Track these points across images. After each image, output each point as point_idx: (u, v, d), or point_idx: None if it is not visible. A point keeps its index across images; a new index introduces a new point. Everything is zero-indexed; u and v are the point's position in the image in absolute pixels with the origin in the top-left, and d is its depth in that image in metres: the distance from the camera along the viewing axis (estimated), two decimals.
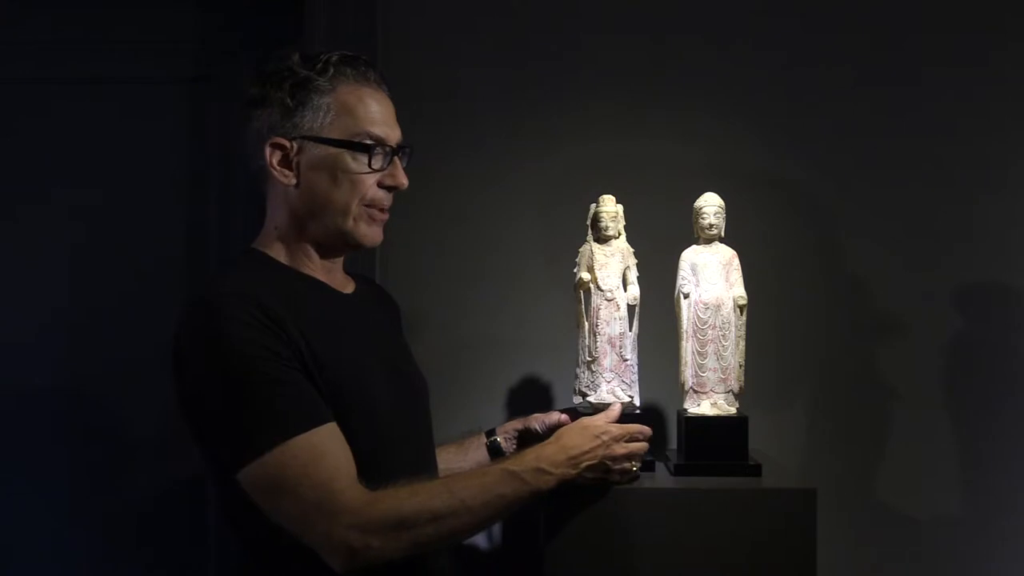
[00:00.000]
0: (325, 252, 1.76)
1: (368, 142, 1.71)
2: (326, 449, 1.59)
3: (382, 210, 1.75)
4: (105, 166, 2.46)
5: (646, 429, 1.81)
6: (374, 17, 2.28)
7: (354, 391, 1.65)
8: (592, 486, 1.75)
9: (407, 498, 1.60)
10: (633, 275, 1.92)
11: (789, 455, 2.21)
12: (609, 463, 1.74)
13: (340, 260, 1.81)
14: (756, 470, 1.84)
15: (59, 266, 2.45)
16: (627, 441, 1.77)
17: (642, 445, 1.79)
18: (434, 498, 1.61)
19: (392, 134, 1.74)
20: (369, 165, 1.71)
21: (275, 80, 1.71)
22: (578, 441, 1.73)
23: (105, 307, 2.45)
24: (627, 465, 1.77)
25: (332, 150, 1.70)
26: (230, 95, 2.35)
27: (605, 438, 1.74)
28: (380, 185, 1.73)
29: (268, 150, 1.71)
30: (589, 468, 1.72)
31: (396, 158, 1.74)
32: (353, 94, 1.72)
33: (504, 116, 2.29)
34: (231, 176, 2.42)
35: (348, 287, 1.82)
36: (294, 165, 1.71)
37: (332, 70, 1.71)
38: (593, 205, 1.94)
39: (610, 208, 1.92)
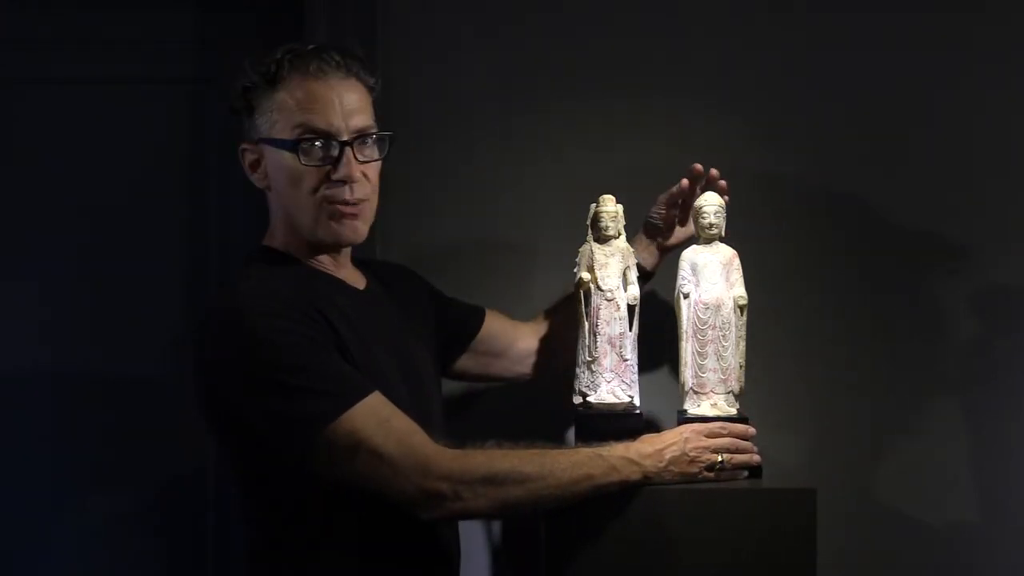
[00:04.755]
0: (320, 248, 1.78)
1: (303, 136, 1.70)
2: (391, 410, 1.64)
3: (345, 204, 1.73)
4: (105, 166, 2.46)
5: (745, 429, 1.82)
6: (374, 17, 2.28)
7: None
8: (671, 484, 1.76)
9: (499, 457, 1.66)
10: (633, 275, 1.91)
11: (789, 455, 2.20)
12: (692, 454, 1.76)
13: (347, 254, 1.82)
14: (756, 470, 1.84)
15: (58, 265, 2.45)
16: (711, 436, 1.79)
17: (729, 440, 1.80)
18: (525, 462, 1.66)
19: (340, 123, 1.72)
20: (305, 160, 1.70)
21: (236, 86, 1.75)
22: (665, 436, 1.78)
23: (104, 307, 2.45)
24: (712, 456, 1.77)
25: (280, 150, 1.72)
26: (230, 95, 2.35)
27: (687, 432, 1.78)
28: (330, 179, 1.71)
29: (241, 155, 1.77)
30: (674, 461, 1.74)
31: (350, 148, 1.72)
32: (295, 90, 1.72)
33: (505, 115, 2.29)
34: (231, 176, 2.41)
35: (360, 282, 1.84)
36: (261, 168, 1.75)
37: (274, 67, 1.72)
38: (593, 205, 1.94)
39: (610, 208, 1.91)
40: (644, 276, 2.02)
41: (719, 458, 1.77)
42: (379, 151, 1.77)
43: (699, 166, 1.96)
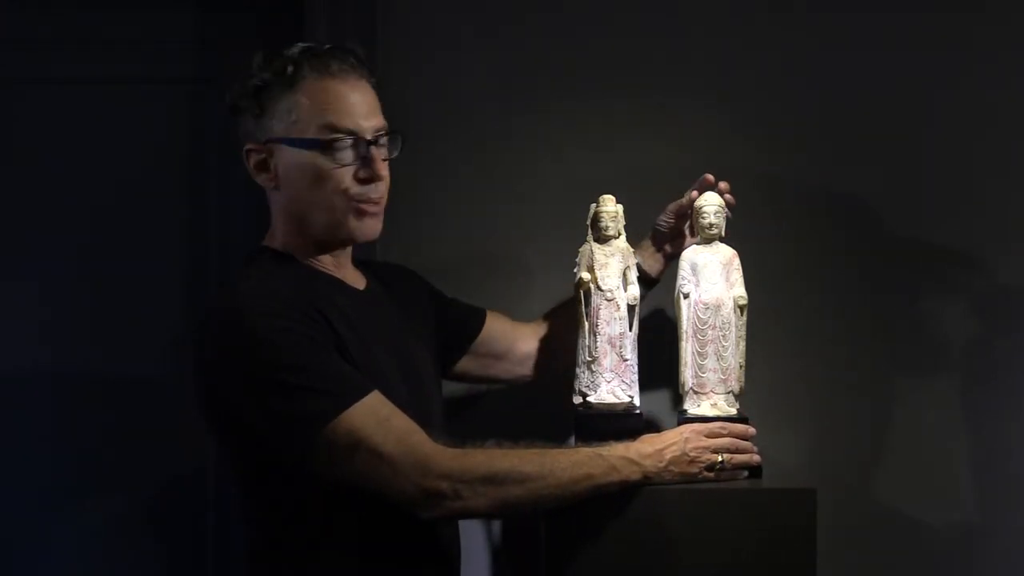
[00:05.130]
0: (327, 248, 1.78)
1: (333, 136, 1.70)
2: (390, 409, 1.64)
3: (370, 202, 1.74)
4: (105, 166, 2.46)
5: (745, 429, 1.82)
6: (374, 17, 2.28)
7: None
8: (671, 484, 1.76)
9: (499, 456, 1.66)
10: (633, 275, 1.92)
11: (789, 455, 2.20)
12: (693, 454, 1.76)
13: (348, 254, 1.83)
14: (756, 470, 1.84)
15: (58, 265, 2.45)
16: (712, 436, 1.79)
17: (729, 441, 1.80)
18: (525, 462, 1.66)
19: (364, 123, 1.73)
20: (334, 160, 1.71)
21: (242, 85, 1.73)
22: (665, 436, 1.78)
23: (104, 307, 2.45)
24: (712, 456, 1.77)
25: (302, 150, 1.71)
26: (235, 95, 2.35)
27: (687, 432, 1.78)
28: (357, 178, 1.72)
29: (247, 156, 1.74)
30: (674, 461, 1.74)
31: (373, 147, 1.73)
32: (315, 89, 1.71)
33: (505, 115, 2.29)
34: (231, 176, 2.42)
35: (360, 283, 1.84)
36: (272, 168, 1.73)
37: (291, 68, 1.71)
38: (593, 205, 1.94)
39: (610, 208, 1.91)
40: (649, 283, 2.03)
41: (719, 458, 1.77)
42: (394, 149, 1.79)
43: (710, 176, 1.96)
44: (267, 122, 1.72)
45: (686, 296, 1.90)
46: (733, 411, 1.88)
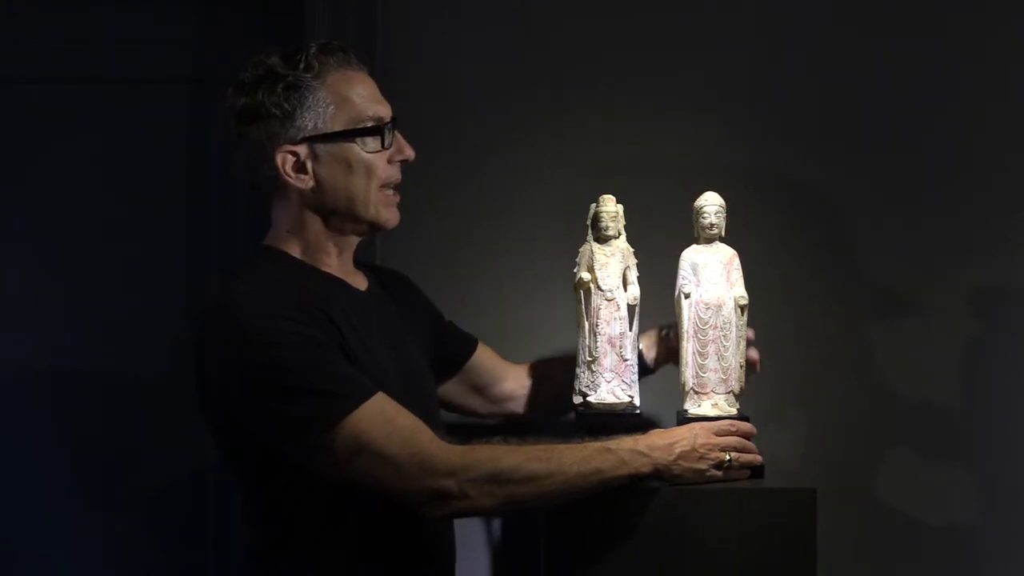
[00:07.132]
0: (344, 244, 1.78)
1: (373, 124, 1.73)
2: (396, 410, 1.63)
3: (396, 189, 1.78)
4: (104, 166, 2.46)
5: (750, 428, 1.82)
6: (374, 17, 2.28)
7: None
8: (680, 484, 1.75)
9: (505, 454, 1.65)
10: (633, 275, 1.92)
11: (789, 455, 2.20)
12: (702, 451, 1.75)
13: (352, 254, 1.83)
14: (759, 470, 1.84)
15: (59, 266, 2.45)
16: (720, 435, 1.78)
17: (736, 440, 1.79)
18: (532, 459, 1.65)
19: (387, 111, 1.77)
20: (382, 145, 1.74)
21: (264, 88, 1.71)
22: (675, 431, 1.77)
23: (104, 307, 2.45)
24: (720, 455, 1.76)
25: (341, 143, 1.71)
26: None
27: (697, 428, 1.77)
28: (390, 162, 1.76)
29: (280, 159, 1.71)
30: (683, 455, 1.73)
31: (396, 132, 1.77)
32: (343, 81, 1.73)
33: (505, 116, 2.29)
34: (231, 175, 2.42)
35: (362, 283, 1.84)
36: (308, 168, 1.72)
37: (316, 64, 1.71)
38: (593, 205, 1.94)
39: (610, 208, 1.91)
40: (644, 371, 1.98)
41: (727, 456, 1.77)
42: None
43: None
44: (300, 120, 1.71)
45: (687, 296, 1.90)
46: (733, 411, 1.88)
